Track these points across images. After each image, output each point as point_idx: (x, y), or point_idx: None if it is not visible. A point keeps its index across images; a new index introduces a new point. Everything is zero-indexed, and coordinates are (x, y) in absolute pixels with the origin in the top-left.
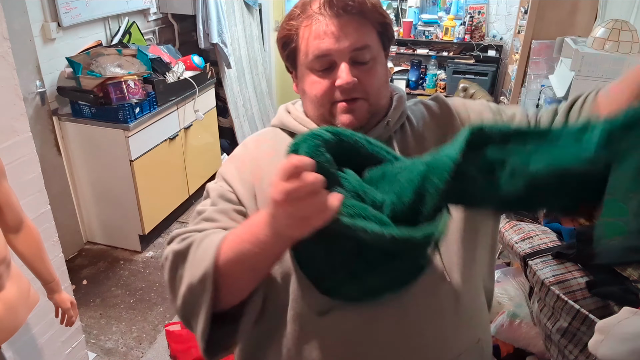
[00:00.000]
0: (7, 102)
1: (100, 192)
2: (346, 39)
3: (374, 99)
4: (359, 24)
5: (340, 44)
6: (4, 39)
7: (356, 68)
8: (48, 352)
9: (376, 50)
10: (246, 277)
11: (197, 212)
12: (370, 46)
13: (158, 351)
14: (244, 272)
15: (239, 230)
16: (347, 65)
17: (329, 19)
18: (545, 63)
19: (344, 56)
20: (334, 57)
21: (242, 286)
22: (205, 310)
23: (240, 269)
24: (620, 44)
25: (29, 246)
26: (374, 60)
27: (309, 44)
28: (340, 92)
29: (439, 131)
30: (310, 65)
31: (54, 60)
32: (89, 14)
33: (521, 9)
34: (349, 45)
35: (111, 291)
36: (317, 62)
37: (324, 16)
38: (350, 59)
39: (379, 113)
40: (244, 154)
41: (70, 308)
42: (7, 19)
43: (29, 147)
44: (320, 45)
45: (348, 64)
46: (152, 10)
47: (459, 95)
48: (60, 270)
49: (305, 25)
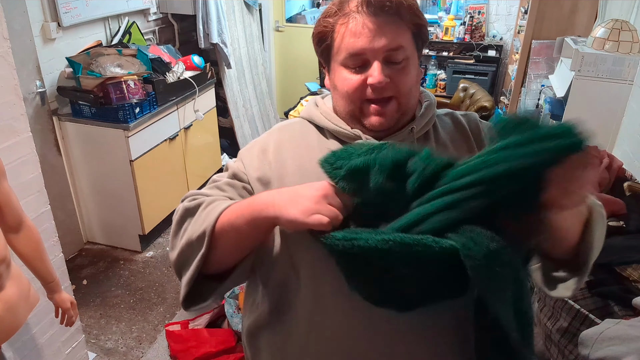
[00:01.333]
0: (7, 102)
1: (100, 192)
2: (381, 39)
3: (404, 99)
4: (394, 24)
5: (375, 44)
6: (4, 39)
7: (389, 67)
8: (48, 352)
9: (410, 51)
10: (233, 246)
11: (212, 180)
12: (405, 47)
13: (158, 351)
14: (233, 241)
15: (241, 205)
16: (380, 65)
17: (366, 18)
18: (545, 63)
19: (378, 55)
20: (368, 55)
21: (229, 252)
22: (196, 264)
23: (231, 238)
24: (620, 44)
25: (29, 246)
26: (407, 60)
27: (344, 41)
28: (372, 91)
29: (464, 146)
30: (344, 62)
31: (54, 60)
32: (89, 14)
33: (521, 9)
34: (383, 45)
35: (111, 291)
36: (351, 60)
37: (360, 15)
38: (383, 59)
39: (407, 115)
40: (268, 139)
41: (70, 308)
42: (7, 19)
43: (29, 147)
44: (355, 44)
45: (381, 63)
46: (152, 10)
47: (459, 95)
48: (60, 270)
49: (342, 22)
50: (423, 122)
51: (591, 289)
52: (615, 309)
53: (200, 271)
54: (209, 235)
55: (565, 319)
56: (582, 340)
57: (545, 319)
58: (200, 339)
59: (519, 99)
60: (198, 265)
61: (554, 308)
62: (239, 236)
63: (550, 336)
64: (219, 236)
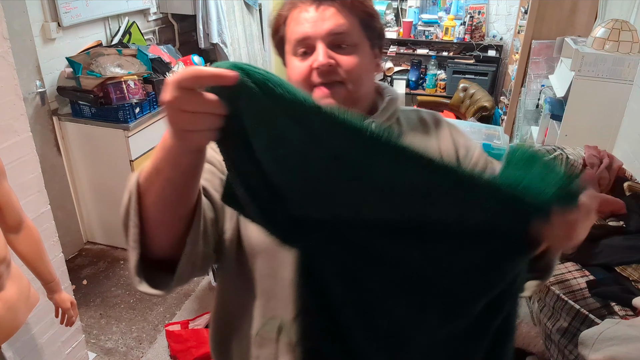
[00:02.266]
0: (7, 102)
1: (100, 192)
2: (324, 23)
3: (353, 86)
4: (338, 11)
5: (318, 28)
6: (4, 39)
7: (335, 51)
8: (48, 352)
9: (357, 38)
10: (163, 192)
11: None
12: (351, 33)
13: (158, 351)
14: (161, 185)
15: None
16: (324, 47)
17: (309, 4)
18: (545, 63)
19: (322, 39)
20: (312, 40)
21: (163, 203)
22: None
23: (158, 182)
24: (620, 44)
25: (29, 246)
26: (354, 46)
27: (291, 30)
28: (317, 75)
29: (427, 144)
30: (293, 51)
31: (54, 60)
32: (89, 14)
33: (521, 9)
34: (327, 29)
35: (111, 291)
36: (298, 47)
37: (305, 3)
38: (329, 43)
39: (360, 105)
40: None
41: (70, 308)
42: (7, 19)
43: (29, 147)
44: (299, 30)
45: (326, 46)
46: (152, 10)
47: (459, 95)
48: (60, 270)
49: (290, 13)
50: (385, 116)
51: (591, 289)
52: (615, 309)
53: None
54: (136, 188)
55: (565, 319)
56: (582, 340)
57: (545, 319)
58: (200, 339)
59: (519, 99)
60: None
61: (554, 308)
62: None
63: (550, 336)
64: (145, 187)
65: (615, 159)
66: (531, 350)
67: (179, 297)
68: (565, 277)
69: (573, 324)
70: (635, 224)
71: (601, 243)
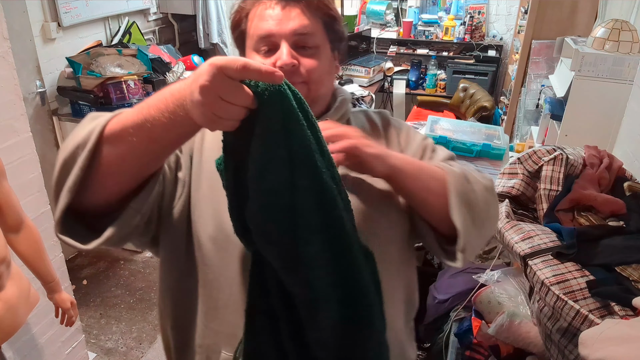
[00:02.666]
0: (7, 102)
1: None
2: (289, 22)
3: (314, 86)
4: (303, 12)
5: (283, 26)
6: (4, 39)
7: (298, 52)
8: (48, 352)
9: (320, 40)
10: (140, 148)
11: None
12: (314, 34)
13: (158, 351)
14: (143, 142)
15: (146, 102)
16: (288, 47)
17: (275, 3)
18: (545, 63)
19: (286, 38)
20: (276, 38)
21: (133, 158)
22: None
23: (141, 137)
24: (620, 44)
25: (29, 246)
26: (317, 48)
27: (254, 25)
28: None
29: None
30: (255, 47)
31: (54, 60)
32: (89, 14)
33: (521, 9)
34: (292, 29)
35: (111, 291)
36: (260, 43)
37: (270, 0)
38: (292, 43)
39: (318, 104)
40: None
41: (70, 308)
42: (7, 19)
43: (29, 147)
44: (264, 26)
45: (290, 46)
46: (152, 10)
47: (459, 95)
48: (60, 270)
49: (254, 7)
50: (337, 115)
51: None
52: (615, 309)
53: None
54: (99, 133)
55: (565, 319)
56: (582, 340)
57: (545, 319)
58: None
59: (519, 98)
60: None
61: (554, 308)
62: (154, 129)
63: (550, 336)
64: (115, 137)
65: (615, 159)
66: (531, 350)
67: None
68: (565, 277)
69: (573, 324)
70: (635, 224)
71: (601, 243)
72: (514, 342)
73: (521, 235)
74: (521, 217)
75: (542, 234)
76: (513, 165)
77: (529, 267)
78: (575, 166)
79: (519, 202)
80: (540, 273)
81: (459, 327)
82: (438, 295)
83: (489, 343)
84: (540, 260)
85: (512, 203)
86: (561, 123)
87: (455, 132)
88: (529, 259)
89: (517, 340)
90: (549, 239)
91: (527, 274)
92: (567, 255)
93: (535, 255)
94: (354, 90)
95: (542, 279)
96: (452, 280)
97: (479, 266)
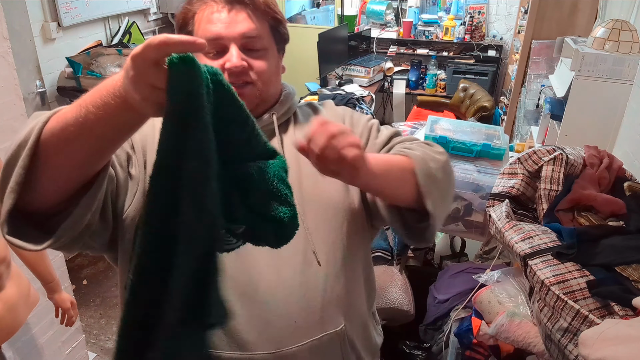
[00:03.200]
0: (7, 102)
1: None
2: (237, 25)
3: (263, 86)
4: (251, 15)
5: (232, 29)
6: (4, 39)
7: (247, 54)
8: (48, 352)
9: (267, 42)
10: (80, 142)
11: None
12: (262, 37)
13: None
14: (80, 135)
15: (83, 97)
16: (238, 49)
17: (222, 6)
18: (545, 63)
19: (235, 41)
20: (225, 41)
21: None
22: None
23: (81, 132)
24: (620, 44)
25: None
26: (265, 50)
27: (202, 28)
28: (229, 75)
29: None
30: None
31: (54, 60)
32: (89, 14)
33: (521, 9)
34: (240, 32)
35: (111, 291)
36: (209, 46)
37: (217, 3)
38: (240, 45)
39: (267, 103)
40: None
41: (71, 308)
42: (7, 19)
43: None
44: (212, 29)
45: (239, 48)
46: (152, 10)
47: (459, 95)
48: (60, 270)
49: (200, 10)
50: (283, 109)
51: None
52: (615, 309)
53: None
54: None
55: (565, 319)
56: (582, 340)
57: (545, 319)
58: None
59: (519, 99)
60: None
61: (554, 308)
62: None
63: (550, 336)
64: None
65: (615, 159)
66: (531, 350)
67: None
68: (565, 277)
69: (573, 324)
70: (635, 224)
71: (601, 243)
72: (514, 342)
73: (521, 235)
74: (521, 217)
75: (542, 234)
76: (513, 165)
77: (529, 267)
78: (575, 166)
79: (519, 202)
80: (540, 273)
81: (459, 327)
82: (438, 295)
83: (489, 343)
84: (541, 260)
85: (512, 203)
86: (561, 123)
87: (455, 132)
88: (529, 259)
89: (517, 340)
90: (549, 239)
91: (527, 274)
92: (567, 255)
93: (535, 255)
94: (354, 90)
95: (542, 279)
96: (452, 280)
97: (479, 266)
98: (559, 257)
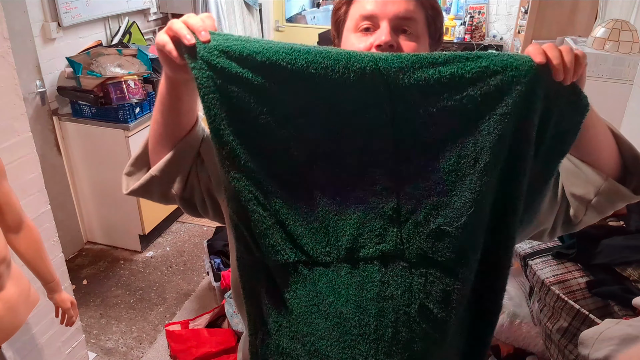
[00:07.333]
0: (7, 102)
1: (100, 192)
2: (394, 5)
3: None
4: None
5: (388, 8)
6: (4, 39)
7: (397, 35)
8: (48, 352)
9: (421, 29)
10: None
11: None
12: (416, 21)
13: (158, 351)
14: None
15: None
16: (389, 27)
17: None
18: None
19: (389, 20)
20: (378, 18)
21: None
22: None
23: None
24: (620, 44)
25: (29, 246)
26: (416, 35)
27: (357, 6)
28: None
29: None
30: (355, 26)
31: (54, 60)
32: (89, 14)
33: (521, 9)
34: (395, 11)
35: (111, 291)
36: (361, 21)
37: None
38: (393, 25)
39: None
40: None
41: (71, 308)
42: (7, 19)
43: (29, 147)
44: (368, 6)
45: (390, 27)
46: (152, 10)
47: None
48: (60, 270)
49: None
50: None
51: (591, 289)
52: (615, 309)
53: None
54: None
55: (565, 319)
56: (582, 340)
57: (545, 319)
58: (200, 339)
59: None
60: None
61: (554, 308)
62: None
63: (550, 336)
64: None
65: None
66: (531, 350)
67: (179, 297)
68: (565, 277)
69: (573, 324)
70: (635, 224)
71: (601, 243)
72: (514, 342)
73: None
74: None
75: None
76: None
77: (529, 267)
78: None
79: None
80: (540, 273)
81: None
82: None
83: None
84: (541, 260)
85: None
86: None
87: None
88: (529, 259)
89: (517, 340)
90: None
91: (527, 274)
92: (567, 255)
93: (535, 255)
94: None
95: (542, 279)
96: None
97: None
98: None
